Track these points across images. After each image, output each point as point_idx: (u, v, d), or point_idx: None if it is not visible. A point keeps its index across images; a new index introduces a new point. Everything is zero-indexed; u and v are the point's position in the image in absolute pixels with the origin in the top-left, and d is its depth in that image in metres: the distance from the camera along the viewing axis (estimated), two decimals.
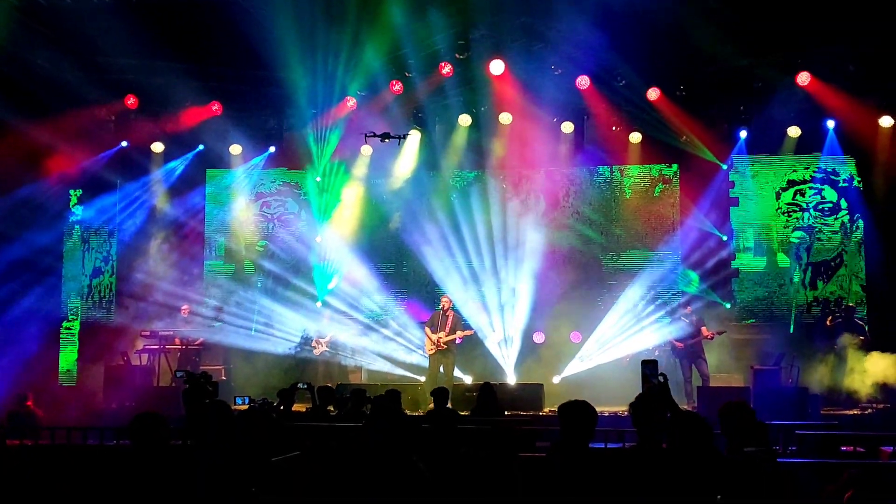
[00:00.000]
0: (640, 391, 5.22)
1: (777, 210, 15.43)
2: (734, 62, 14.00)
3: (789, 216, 15.38)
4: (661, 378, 5.22)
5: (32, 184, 14.44)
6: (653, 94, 14.64)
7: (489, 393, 11.08)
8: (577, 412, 4.70)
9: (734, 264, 15.46)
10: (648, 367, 7.26)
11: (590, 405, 4.77)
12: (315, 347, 14.88)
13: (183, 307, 15.13)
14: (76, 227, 16.60)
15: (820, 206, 15.28)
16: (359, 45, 13.94)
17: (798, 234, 15.31)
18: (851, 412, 11.96)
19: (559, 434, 4.80)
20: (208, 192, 16.97)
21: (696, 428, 4.77)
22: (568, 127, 15.48)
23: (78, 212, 16.58)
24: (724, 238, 15.40)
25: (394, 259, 16.44)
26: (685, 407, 12.72)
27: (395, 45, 14.19)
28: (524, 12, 13.09)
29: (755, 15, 13.08)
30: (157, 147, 16.16)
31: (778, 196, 15.43)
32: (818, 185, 15.28)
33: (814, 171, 15.26)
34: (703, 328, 13.45)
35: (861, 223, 15.06)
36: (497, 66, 14.41)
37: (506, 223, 16.14)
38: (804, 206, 15.32)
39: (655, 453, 4.60)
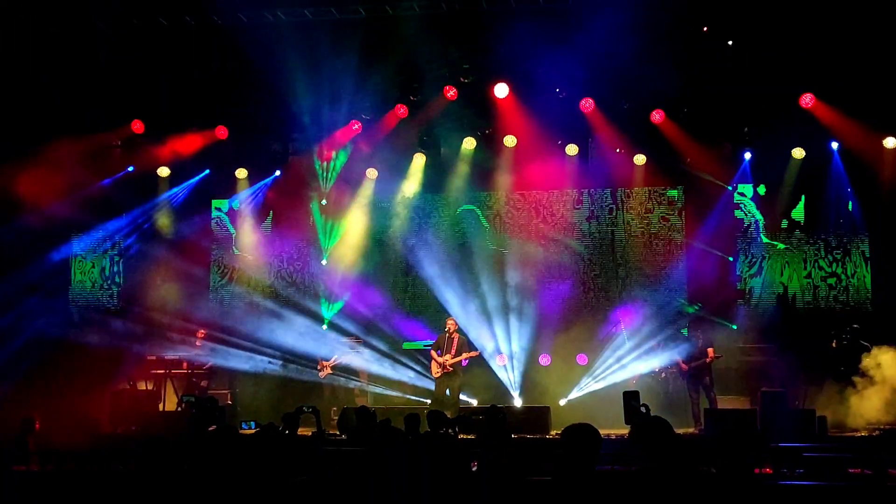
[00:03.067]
0: (637, 416, 5.20)
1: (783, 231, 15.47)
2: (737, 83, 14.04)
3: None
4: (643, 408, 5.23)
5: (39, 208, 14.49)
6: (656, 116, 14.70)
7: (496, 416, 11.02)
8: (581, 436, 4.68)
9: (740, 286, 15.45)
10: (631, 397, 7.27)
11: (594, 428, 4.75)
12: (320, 370, 14.87)
13: (199, 332, 15.12)
14: (84, 251, 16.67)
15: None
16: (364, 69, 14.04)
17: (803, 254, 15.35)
18: (859, 434, 11.89)
19: (563, 457, 4.77)
20: (214, 216, 17.05)
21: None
22: (572, 149, 15.52)
23: (85, 236, 16.65)
24: (731, 259, 15.40)
25: (399, 281, 16.45)
26: (692, 430, 12.72)
27: (400, 69, 14.30)
28: (528, 36, 13.16)
29: (758, 36, 13.17)
30: (164, 171, 16.24)
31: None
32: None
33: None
34: (710, 349, 13.36)
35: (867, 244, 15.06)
36: (501, 90, 14.52)
37: (511, 245, 16.18)
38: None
39: (655, 476, 4.58)
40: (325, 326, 16.14)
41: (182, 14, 13.40)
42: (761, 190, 15.47)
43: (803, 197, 15.33)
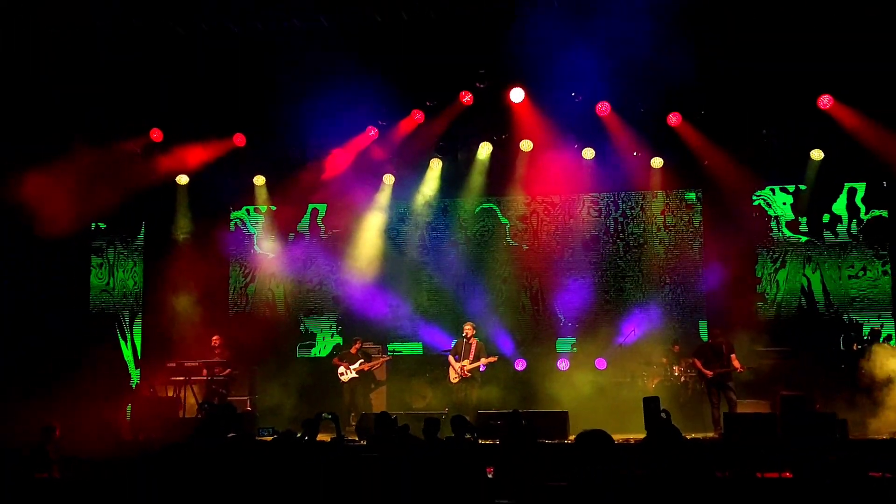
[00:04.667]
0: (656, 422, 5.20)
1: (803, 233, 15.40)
2: (755, 84, 13.95)
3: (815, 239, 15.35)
4: (663, 414, 5.21)
5: (57, 215, 14.57)
6: (673, 119, 14.66)
7: (518, 421, 10.98)
8: (594, 442, 4.68)
9: (759, 289, 15.37)
10: (651, 403, 7.23)
11: (606, 434, 4.75)
12: (342, 374, 14.90)
13: (213, 338, 15.19)
14: (102, 260, 16.80)
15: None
16: (380, 75, 14.05)
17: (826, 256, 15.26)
18: (881, 437, 11.78)
19: (578, 463, 4.77)
20: (233, 223, 17.18)
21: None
22: (589, 153, 15.49)
23: (102, 245, 16.77)
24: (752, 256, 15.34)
25: (416, 287, 16.46)
26: (712, 434, 12.66)
27: (416, 74, 14.32)
28: (543, 40, 13.13)
29: (776, 37, 13.08)
30: (182, 179, 16.34)
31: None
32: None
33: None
34: (733, 356, 13.22)
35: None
36: (517, 94, 14.53)
37: (527, 250, 16.19)
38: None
39: (666, 481, 4.58)
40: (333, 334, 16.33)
41: (198, 22, 13.48)
42: (790, 188, 15.41)
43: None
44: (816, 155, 14.80)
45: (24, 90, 13.47)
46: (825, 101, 13.94)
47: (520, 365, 15.37)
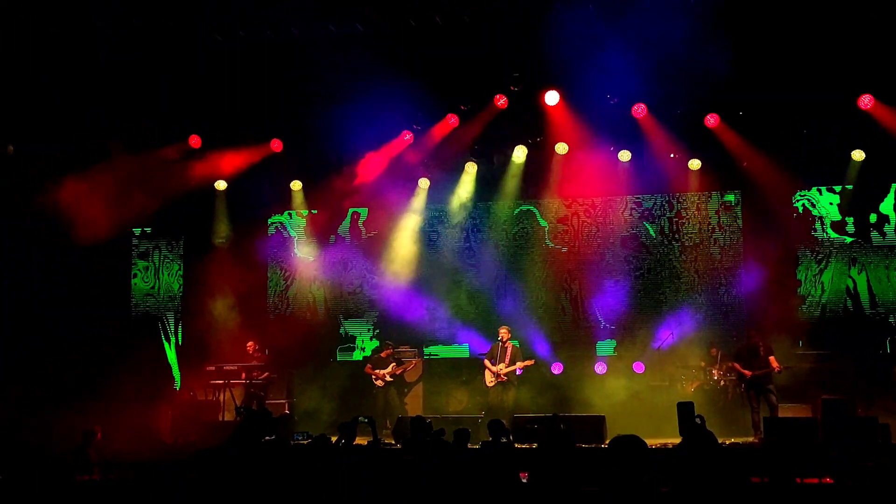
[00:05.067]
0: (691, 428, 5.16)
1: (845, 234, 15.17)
2: (794, 85, 13.78)
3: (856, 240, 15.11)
4: (697, 419, 5.18)
5: (98, 223, 14.80)
6: (711, 120, 14.53)
7: (557, 425, 10.92)
8: (627, 446, 4.65)
9: (802, 291, 15.16)
10: (685, 408, 7.16)
11: (640, 440, 4.72)
12: (377, 380, 14.95)
13: (248, 343, 15.32)
14: (148, 263, 17.04)
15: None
16: (415, 79, 14.10)
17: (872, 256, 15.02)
18: None
19: (611, 469, 4.74)
20: (272, 227, 17.30)
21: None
22: (625, 155, 15.39)
23: (148, 248, 17.01)
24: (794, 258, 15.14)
25: (453, 290, 16.44)
26: (751, 439, 12.50)
27: (450, 78, 14.34)
28: (577, 43, 13.09)
29: (815, 36, 12.92)
30: (221, 185, 16.50)
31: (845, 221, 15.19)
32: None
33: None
34: (772, 358, 13.07)
35: None
36: (552, 97, 14.49)
37: (567, 252, 16.11)
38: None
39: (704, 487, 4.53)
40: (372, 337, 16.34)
41: (236, 29, 13.65)
42: (836, 188, 15.18)
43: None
44: (857, 155, 14.58)
45: (36, 92, 13.65)
46: (866, 100, 13.73)
47: (557, 368, 15.30)
